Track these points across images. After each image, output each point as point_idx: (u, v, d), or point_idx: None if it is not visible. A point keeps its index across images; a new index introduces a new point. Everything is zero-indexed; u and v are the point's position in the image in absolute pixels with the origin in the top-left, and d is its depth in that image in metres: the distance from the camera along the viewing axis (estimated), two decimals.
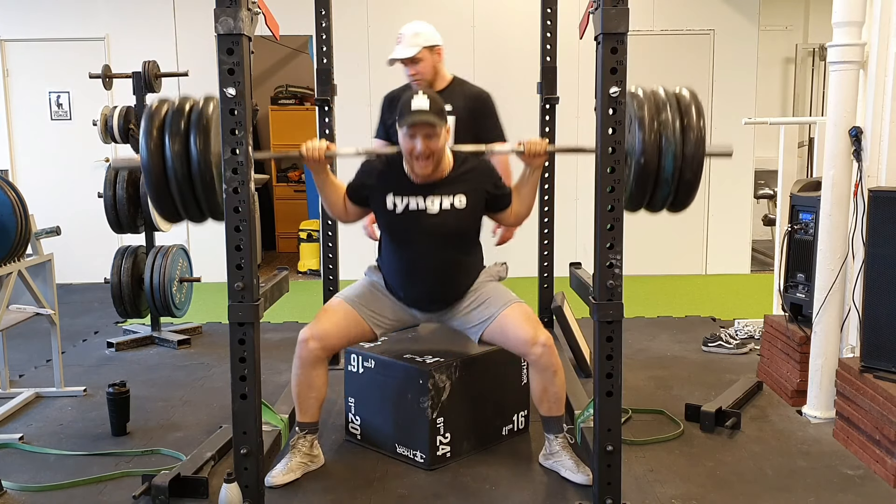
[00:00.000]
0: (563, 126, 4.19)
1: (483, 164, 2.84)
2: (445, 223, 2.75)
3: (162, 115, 2.41)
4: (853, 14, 3.10)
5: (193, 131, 2.37)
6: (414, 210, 2.74)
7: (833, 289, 3.20)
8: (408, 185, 2.75)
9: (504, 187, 2.85)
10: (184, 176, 2.38)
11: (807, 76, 7.95)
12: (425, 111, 2.59)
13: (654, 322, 5.14)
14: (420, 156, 2.62)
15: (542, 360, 2.73)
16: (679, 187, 2.52)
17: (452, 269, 2.84)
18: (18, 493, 2.75)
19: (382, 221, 2.84)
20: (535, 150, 2.64)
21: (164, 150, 2.37)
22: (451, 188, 2.75)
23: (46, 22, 6.45)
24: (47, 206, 5.81)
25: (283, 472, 2.78)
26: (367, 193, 2.81)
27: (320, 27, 3.94)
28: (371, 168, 2.81)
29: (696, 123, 2.48)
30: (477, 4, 6.47)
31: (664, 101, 2.50)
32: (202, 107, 2.43)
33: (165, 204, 2.45)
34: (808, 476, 2.83)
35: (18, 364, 4.29)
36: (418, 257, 2.80)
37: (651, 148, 2.44)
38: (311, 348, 2.76)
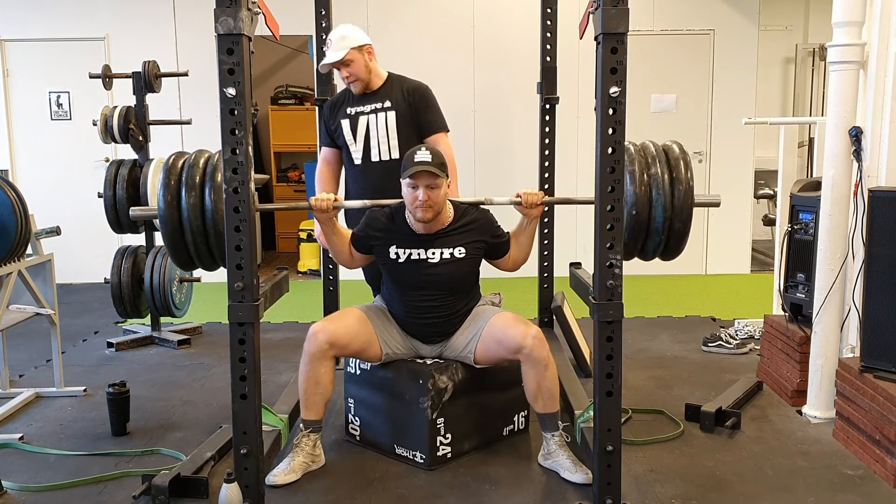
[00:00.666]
0: (563, 126, 4.20)
1: (483, 217, 2.96)
2: (445, 272, 2.89)
3: (178, 169, 2.55)
4: (853, 14, 3.10)
5: (208, 186, 2.51)
6: (416, 259, 2.89)
7: (833, 289, 3.20)
8: (410, 237, 2.89)
9: (502, 236, 2.98)
10: (198, 228, 2.52)
11: (807, 76, 7.95)
12: (427, 162, 2.73)
13: (654, 322, 5.14)
14: (422, 204, 2.75)
15: (535, 352, 2.77)
16: (670, 237, 2.64)
17: (451, 312, 2.96)
18: (18, 493, 2.75)
19: (385, 268, 2.97)
20: (533, 201, 2.76)
21: (181, 202, 2.52)
22: (451, 240, 2.90)
23: (46, 22, 6.46)
24: (47, 206, 5.82)
25: (285, 471, 2.78)
26: (371, 244, 2.95)
27: (320, 27, 3.94)
28: (375, 220, 2.94)
29: (684, 176, 2.60)
30: (477, 4, 6.47)
31: (653, 155, 2.63)
32: (217, 161, 2.55)
33: (180, 253, 2.59)
34: (808, 476, 2.83)
35: (18, 364, 4.29)
36: (419, 302, 2.92)
37: (642, 201, 2.57)
38: (319, 341, 2.81)
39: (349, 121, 3.40)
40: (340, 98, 3.50)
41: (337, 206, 2.75)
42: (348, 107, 3.42)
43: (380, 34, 6.39)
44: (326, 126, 3.52)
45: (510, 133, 6.52)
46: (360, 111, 3.38)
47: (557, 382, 2.87)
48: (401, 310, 2.97)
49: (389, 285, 3.00)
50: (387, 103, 3.36)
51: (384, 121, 3.34)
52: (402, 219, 2.90)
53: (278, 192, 8.22)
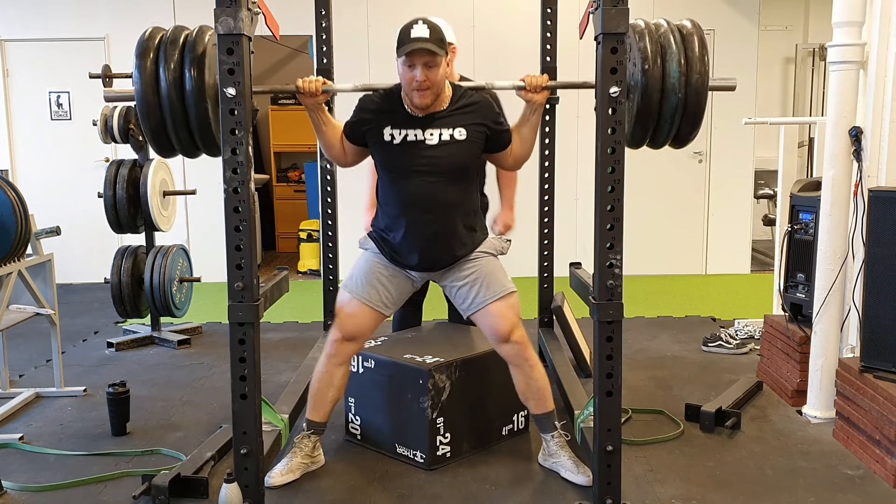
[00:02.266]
0: (563, 126, 4.19)
1: (484, 100, 2.74)
2: (444, 155, 2.65)
3: (156, 45, 2.36)
4: (853, 14, 3.10)
5: (188, 61, 2.34)
6: (412, 141, 2.64)
7: (833, 289, 3.20)
8: (406, 118, 2.65)
9: (505, 124, 2.76)
10: (178, 107, 2.35)
11: (807, 76, 7.95)
12: (425, 38, 2.50)
13: (654, 322, 5.14)
14: (419, 85, 2.53)
15: (514, 357, 2.75)
16: (682, 120, 2.48)
17: (452, 211, 2.72)
18: (18, 493, 2.75)
19: (380, 157, 2.72)
20: (536, 83, 2.56)
21: (159, 80, 2.34)
22: (451, 121, 2.66)
23: (46, 22, 6.45)
24: (47, 206, 5.81)
25: (282, 471, 2.78)
26: (364, 129, 2.70)
27: (320, 27, 3.94)
28: (369, 103, 2.71)
29: (699, 60, 2.44)
30: (477, 4, 6.47)
31: (667, 35, 2.46)
32: (196, 36, 2.40)
33: (159, 135, 2.42)
34: (808, 476, 2.83)
35: (18, 364, 4.29)
36: (417, 193, 2.67)
37: (654, 87, 2.41)
38: (343, 348, 2.78)
39: None
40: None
41: (326, 90, 2.56)
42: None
43: (380, 34, 6.40)
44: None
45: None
46: None
47: (547, 381, 2.84)
48: (397, 214, 2.71)
49: (383, 178, 2.75)
50: None
51: None
52: (398, 99, 2.65)
53: (278, 192, 8.22)
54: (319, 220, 4.06)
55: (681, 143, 2.60)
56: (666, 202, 6.65)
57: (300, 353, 4.11)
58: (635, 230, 5.55)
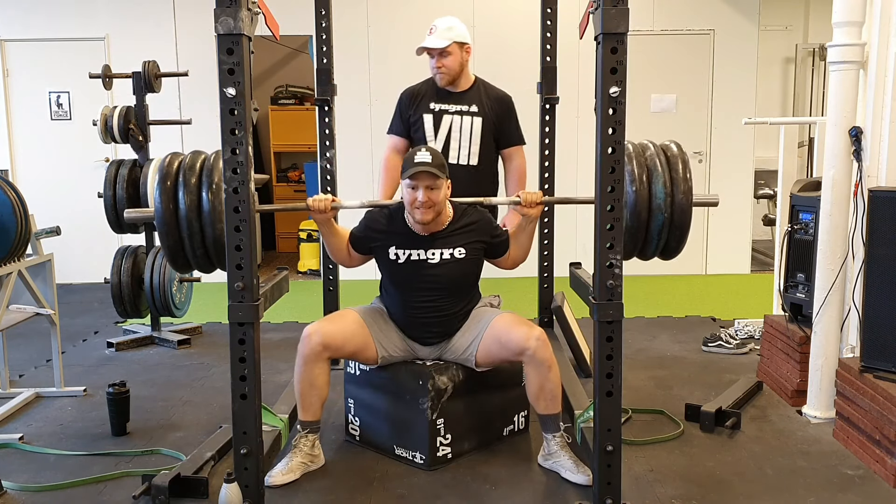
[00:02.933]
0: (563, 126, 4.19)
1: (483, 218, 2.96)
2: (445, 273, 2.89)
3: (174, 171, 2.53)
4: (853, 14, 3.10)
5: (205, 187, 2.49)
6: (415, 260, 2.88)
7: (833, 289, 3.20)
8: (410, 238, 2.88)
9: (502, 236, 2.98)
10: (195, 230, 2.50)
11: (807, 76, 7.95)
12: (427, 163, 2.73)
13: (654, 322, 5.14)
14: (421, 205, 2.75)
15: (538, 353, 2.76)
16: (669, 237, 2.64)
17: (451, 312, 2.95)
18: (18, 493, 2.75)
19: (386, 273, 2.97)
20: (531, 200, 2.75)
21: (178, 204, 2.49)
22: (451, 241, 2.89)
23: (46, 22, 6.46)
24: (47, 206, 5.81)
25: (282, 471, 2.78)
26: (371, 245, 2.94)
27: (320, 27, 3.94)
28: (375, 223, 2.94)
29: (683, 180, 2.60)
30: (477, 4, 6.47)
31: (652, 154, 2.63)
32: (213, 162, 2.53)
33: (178, 258, 2.57)
34: (808, 476, 2.83)
35: (18, 364, 4.29)
36: (419, 302, 2.92)
37: (642, 206, 2.57)
38: (313, 343, 2.80)
39: (433, 117, 3.38)
40: (422, 90, 3.45)
41: (335, 207, 2.74)
42: (432, 102, 3.39)
43: (380, 34, 6.41)
44: (402, 115, 3.47)
45: None
46: (445, 109, 3.37)
47: (560, 383, 2.86)
48: (400, 311, 2.97)
49: (389, 286, 3.00)
50: (473, 107, 3.36)
51: (469, 125, 3.35)
52: (402, 220, 2.89)
53: (278, 192, 8.22)
54: None
55: (668, 255, 2.74)
56: None
57: None
58: None
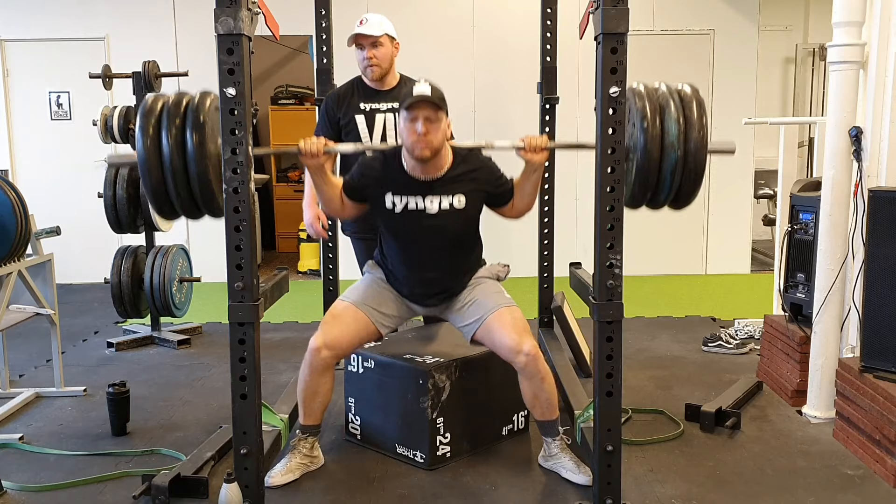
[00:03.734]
0: (563, 126, 4.19)
1: (484, 166, 2.81)
2: (445, 224, 2.75)
3: (158, 112, 2.39)
4: (853, 14, 3.10)
5: (189, 128, 2.36)
6: (413, 210, 2.73)
7: (833, 289, 3.20)
8: (406, 184, 2.72)
9: (505, 184, 2.82)
10: (180, 173, 2.36)
11: (807, 76, 7.95)
12: (427, 95, 2.59)
13: (654, 322, 5.14)
14: (420, 138, 2.59)
15: (528, 368, 2.72)
16: (681, 185, 2.50)
17: (452, 267, 2.85)
18: (18, 493, 2.75)
19: (382, 220, 2.82)
20: (536, 144, 2.61)
21: (161, 146, 2.36)
22: (451, 188, 2.73)
23: (46, 22, 6.45)
24: (47, 206, 5.80)
25: (282, 472, 2.78)
26: (366, 192, 2.79)
27: (320, 27, 3.94)
28: (369, 166, 2.78)
29: (697, 120, 2.45)
30: (477, 4, 6.47)
31: (666, 97, 2.48)
32: (198, 102, 2.41)
33: (162, 201, 2.43)
34: (808, 476, 2.83)
35: (18, 364, 4.29)
36: (419, 256, 2.81)
37: (653, 145, 2.41)
38: (323, 357, 2.75)
39: (364, 117, 3.33)
40: (348, 91, 3.40)
41: (328, 151, 2.60)
42: (361, 101, 3.34)
43: None
44: (329, 118, 3.38)
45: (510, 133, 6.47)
46: (377, 108, 3.33)
47: (555, 391, 2.83)
48: (399, 265, 2.84)
49: (387, 237, 2.86)
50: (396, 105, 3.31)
51: None
52: (399, 164, 2.73)
53: (278, 192, 8.21)
54: None
55: (680, 204, 2.60)
56: None
57: (300, 353, 4.07)
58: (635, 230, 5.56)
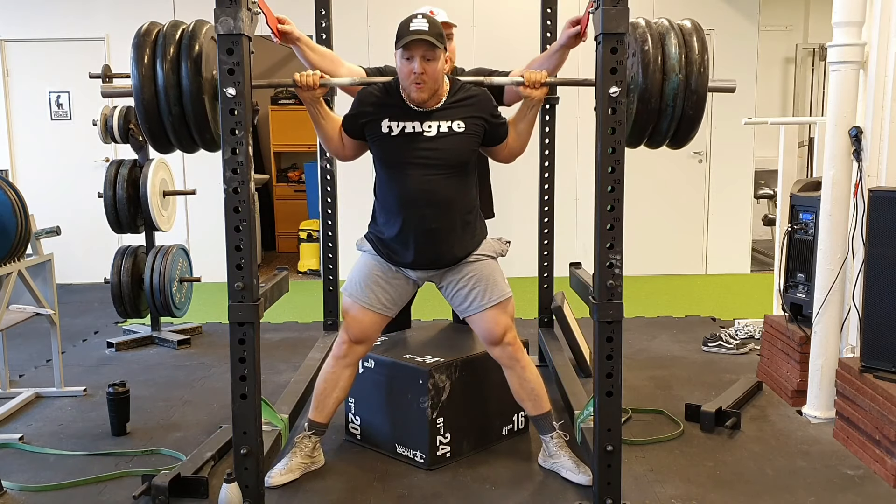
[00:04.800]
0: (563, 126, 4.19)
1: (482, 93, 2.74)
2: (443, 147, 2.65)
3: (152, 40, 2.36)
4: (853, 14, 3.10)
5: (184, 57, 2.34)
6: (410, 133, 2.64)
7: (833, 289, 3.20)
8: (405, 111, 2.65)
9: (501, 117, 2.76)
10: (175, 103, 2.34)
11: (807, 76, 7.95)
12: (424, 31, 2.50)
13: (654, 322, 5.14)
14: (417, 78, 2.54)
15: (505, 359, 2.79)
16: (681, 121, 2.49)
17: (450, 206, 2.70)
18: (18, 493, 2.75)
19: (378, 150, 2.71)
20: (535, 79, 2.59)
21: (156, 76, 2.34)
22: (450, 114, 2.66)
23: (46, 22, 6.45)
24: (47, 206, 5.81)
25: (282, 471, 2.78)
26: (363, 121, 2.70)
27: (320, 27, 3.94)
28: (368, 96, 2.71)
29: (698, 55, 2.44)
30: (477, 4, 6.47)
31: (666, 30, 2.46)
32: (193, 31, 2.39)
33: (157, 132, 2.42)
34: (808, 476, 2.83)
35: (18, 364, 4.29)
36: (415, 187, 2.66)
37: (653, 79, 2.41)
38: (356, 352, 2.83)
39: None
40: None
41: (324, 83, 2.56)
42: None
43: (380, 34, 6.40)
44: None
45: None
46: None
47: (540, 382, 2.85)
48: (395, 209, 2.70)
49: (381, 173, 2.74)
50: None
51: None
52: (397, 93, 2.66)
53: (278, 192, 8.22)
54: (319, 220, 4.06)
55: (679, 143, 2.61)
56: (666, 202, 6.65)
57: (300, 353, 4.11)
58: (635, 230, 5.56)
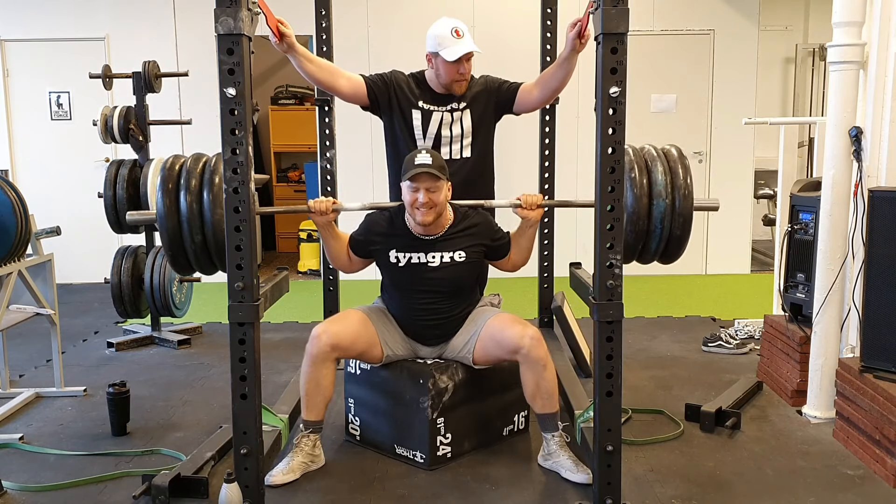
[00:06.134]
0: (563, 126, 4.19)
1: (483, 221, 2.96)
2: (445, 276, 2.89)
3: (176, 173, 2.54)
4: (853, 14, 3.10)
5: (206, 190, 2.50)
6: (416, 263, 2.88)
7: (833, 289, 3.20)
8: (410, 242, 2.88)
9: (502, 238, 2.97)
10: (197, 232, 2.50)
11: (807, 76, 7.96)
12: (428, 165, 2.72)
13: (654, 322, 5.14)
14: (422, 206, 2.75)
15: (532, 352, 2.77)
16: (669, 241, 2.64)
17: (451, 315, 2.96)
18: (18, 493, 2.75)
19: (386, 275, 2.98)
20: (532, 202, 2.77)
21: (179, 207, 2.50)
22: (452, 244, 2.89)
23: (46, 22, 6.46)
24: (47, 206, 5.81)
25: (283, 471, 2.78)
26: (371, 248, 2.93)
27: (320, 27, 3.94)
28: (375, 226, 2.93)
29: (682, 180, 2.61)
30: (477, 4, 6.47)
31: (653, 158, 2.63)
32: (215, 164, 2.53)
33: (179, 258, 2.57)
34: (808, 476, 2.83)
35: (18, 364, 4.29)
36: (419, 304, 2.92)
37: (640, 205, 2.57)
38: (322, 343, 2.80)
39: (421, 114, 3.13)
40: (407, 85, 3.16)
41: (336, 210, 2.75)
42: (421, 100, 3.13)
43: (380, 34, 6.41)
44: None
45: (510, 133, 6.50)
46: (434, 109, 3.14)
47: (556, 382, 2.87)
48: (401, 312, 2.98)
49: (390, 288, 3.00)
50: (462, 104, 3.16)
51: (460, 120, 3.15)
52: (402, 222, 2.89)
53: (278, 192, 8.22)
54: None
55: (669, 259, 2.75)
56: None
57: (300, 353, 4.09)
58: None
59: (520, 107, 3.20)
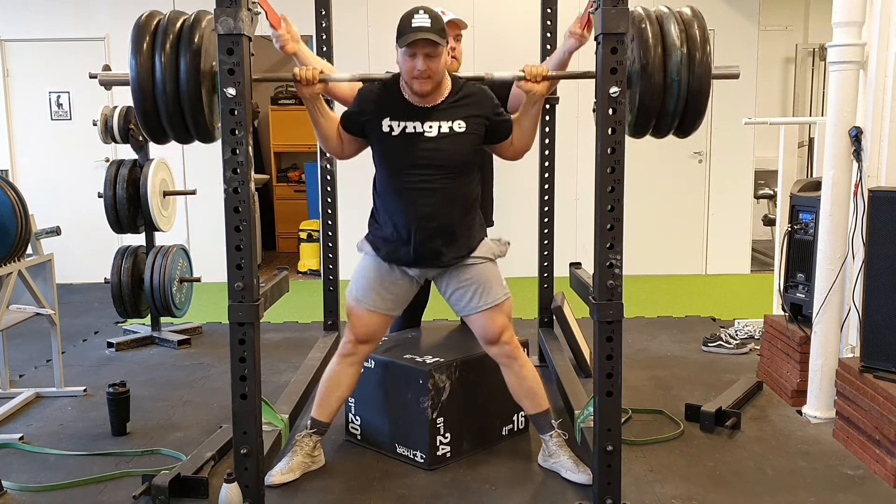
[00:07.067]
0: (563, 126, 4.19)
1: (483, 91, 2.69)
2: (443, 147, 2.61)
3: (151, 30, 2.36)
4: (853, 14, 3.10)
5: (183, 48, 2.34)
6: (411, 133, 2.61)
7: (833, 289, 3.20)
8: (405, 109, 2.61)
9: (504, 114, 2.71)
10: (171, 93, 2.34)
11: (807, 76, 7.96)
12: (426, 28, 2.45)
13: (654, 322, 5.14)
14: (420, 75, 2.50)
15: (502, 357, 2.79)
16: (689, 99, 2.43)
17: (449, 205, 2.67)
18: (18, 493, 2.75)
19: (379, 149, 2.68)
20: (537, 73, 2.53)
21: (154, 65, 2.34)
22: (450, 113, 2.62)
23: (46, 22, 6.45)
24: (47, 206, 5.81)
25: (282, 471, 2.78)
26: (363, 119, 2.66)
27: (320, 27, 3.94)
28: (368, 93, 2.67)
29: (698, 30, 2.41)
30: (477, 4, 6.47)
31: (667, 20, 2.44)
32: (193, 22, 2.39)
33: (151, 121, 2.41)
34: (808, 476, 2.83)
35: (18, 364, 4.29)
36: (415, 187, 2.63)
37: (654, 56, 2.37)
38: (361, 351, 2.84)
39: None
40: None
41: (323, 79, 2.51)
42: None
43: (380, 34, 6.40)
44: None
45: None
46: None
47: (538, 380, 2.86)
48: (395, 208, 2.67)
49: (381, 171, 2.71)
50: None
51: None
52: (397, 91, 2.62)
53: (278, 192, 8.22)
54: (319, 220, 4.06)
55: (685, 132, 2.54)
56: (666, 202, 6.65)
57: (300, 353, 4.11)
58: (635, 230, 5.55)
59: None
